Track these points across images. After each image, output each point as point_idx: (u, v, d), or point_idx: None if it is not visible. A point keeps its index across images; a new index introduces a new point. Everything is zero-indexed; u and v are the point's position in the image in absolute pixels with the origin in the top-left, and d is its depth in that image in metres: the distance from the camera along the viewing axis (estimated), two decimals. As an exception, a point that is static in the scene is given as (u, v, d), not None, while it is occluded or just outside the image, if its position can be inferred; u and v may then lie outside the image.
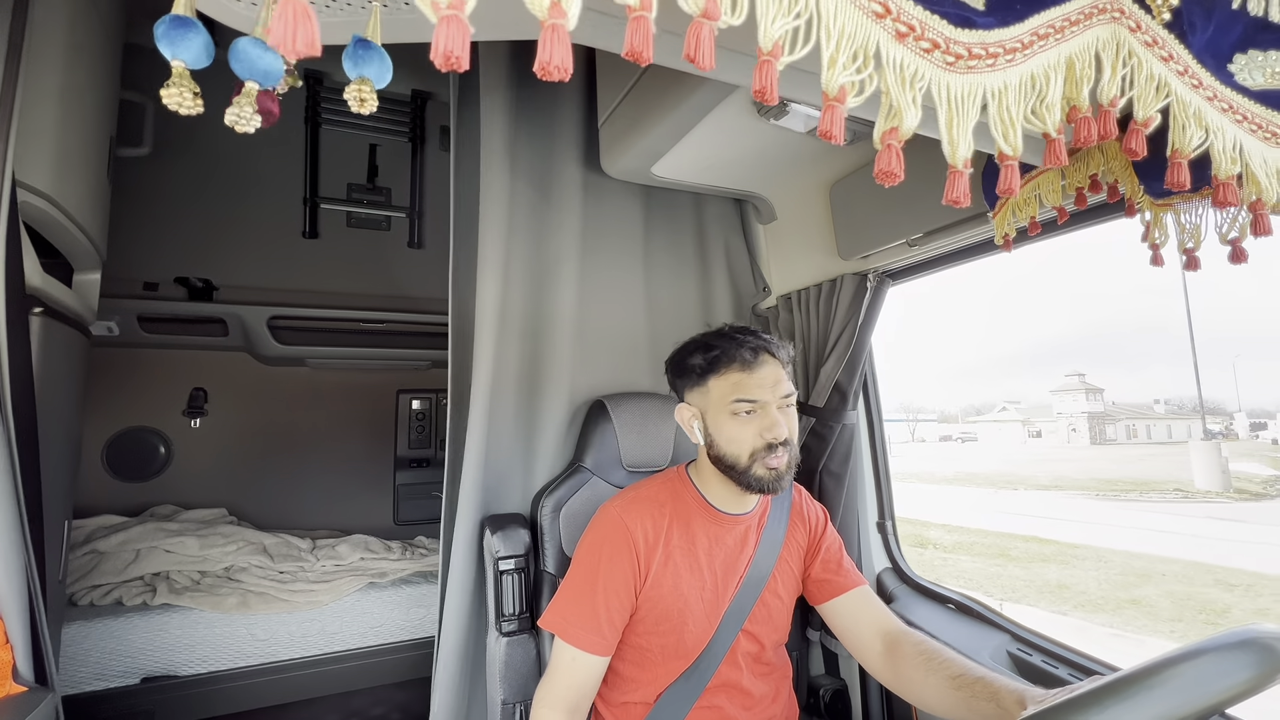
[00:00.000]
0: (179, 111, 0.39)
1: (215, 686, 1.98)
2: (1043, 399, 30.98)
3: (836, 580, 1.10)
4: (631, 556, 0.99)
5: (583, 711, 0.98)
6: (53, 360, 1.21)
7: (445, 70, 0.34)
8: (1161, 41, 0.54)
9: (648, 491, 1.07)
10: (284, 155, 2.66)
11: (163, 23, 0.36)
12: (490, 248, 1.34)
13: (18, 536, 0.84)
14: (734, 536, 1.07)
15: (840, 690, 1.41)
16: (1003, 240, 0.98)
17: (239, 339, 2.70)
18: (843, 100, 0.40)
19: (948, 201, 0.45)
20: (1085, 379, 27.34)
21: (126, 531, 2.23)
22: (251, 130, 0.43)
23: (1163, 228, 0.82)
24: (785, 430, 0.97)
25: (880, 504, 1.54)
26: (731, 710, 1.03)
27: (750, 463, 0.97)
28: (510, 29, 0.56)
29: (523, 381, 1.39)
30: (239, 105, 0.42)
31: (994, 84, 0.48)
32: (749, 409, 0.98)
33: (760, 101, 0.38)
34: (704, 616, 1.02)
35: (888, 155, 0.43)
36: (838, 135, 0.40)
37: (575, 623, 0.97)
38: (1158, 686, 0.47)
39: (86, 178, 1.31)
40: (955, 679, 0.85)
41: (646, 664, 1.03)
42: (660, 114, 1.11)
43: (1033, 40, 0.49)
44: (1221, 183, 0.57)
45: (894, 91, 0.43)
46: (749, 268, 1.70)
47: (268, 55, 0.40)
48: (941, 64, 0.45)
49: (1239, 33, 0.57)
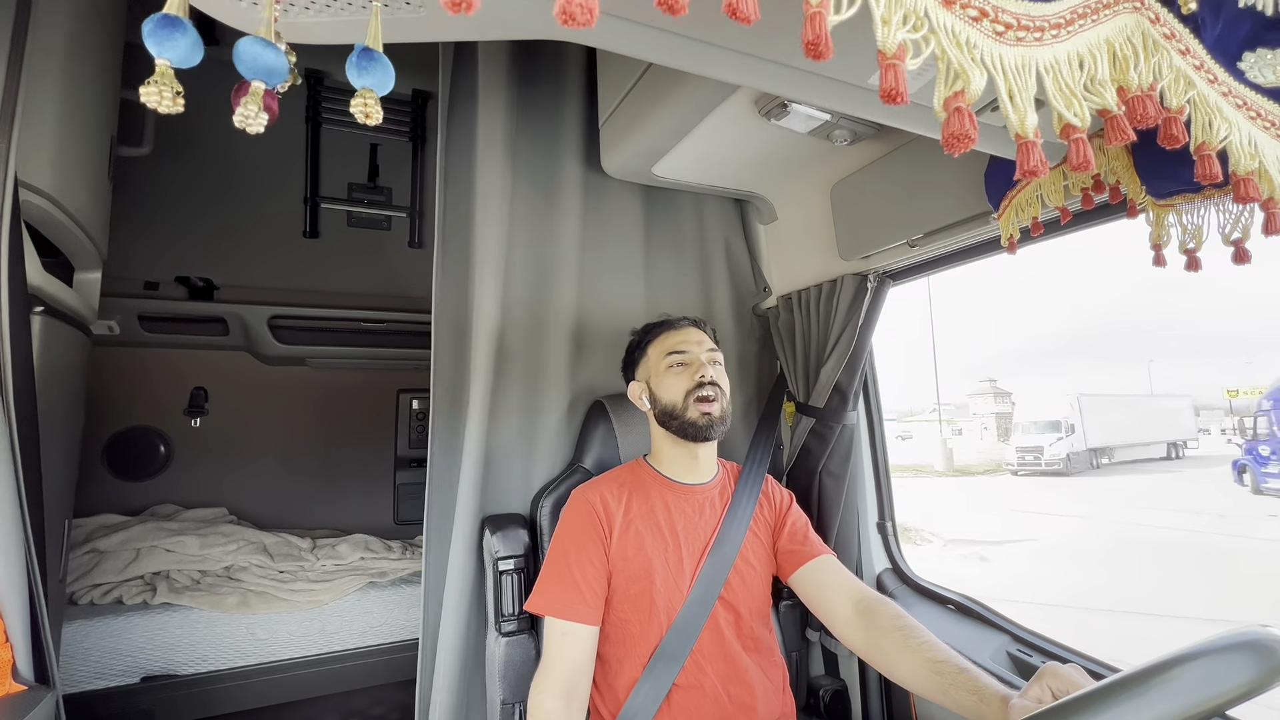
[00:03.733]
0: (157, 109, 0.39)
1: (215, 686, 1.98)
2: (961, 401, 34.29)
3: (802, 550, 1.15)
4: (596, 523, 1.08)
5: (580, 694, 0.99)
6: (54, 359, 1.21)
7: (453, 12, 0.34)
8: (1178, 35, 0.54)
9: (609, 475, 1.20)
10: (285, 155, 2.66)
11: (150, 20, 0.36)
12: (489, 247, 1.33)
13: (18, 535, 0.84)
14: (692, 505, 1.15)
15: (840, 691, 1.41)
16: (1008, 242, 0.98)
17: (239, 338, 2.70)
18: (902, 59, 0.40)
19: (1022, 174, 0.45)
20: (996, 384, 30.93)
21: (127, 531, 2.23)
22: (260, 129, 0.43)
23: (1164, 228, 0.81)
24: (711, 373, 1.12)
25: (880, 505, 1.54)
26: (717, 686, 1.04)
27: (685, 405, 1.10)
28: (511, 28, 0.56)
29: (522, 381, 1.38)
30: (246, 105, 0.42)
31: (1045, 58, 0.47)
32: (681, 360, 1.13)
33: (812, 56, 0.37)
34: (671, 578, 1.07)
35: (959, 118, 0.41)
36: (903, 94, 0.39)
37: (558, 596, 1.02)
38: (1157, 688, 0.47)
39: (87, 177, 1.31)
40: (935, 663, 0.86)
41: (628, 639, 1.06)
42: (661, 114, 1.11)
43: (1073, 18, 0.49)
44: (1241, 178, 0.57)
45: (952, 53, 0.43)
46: (749, 268, 1.70)
47: (269, 53, 0.40)
48: (991, 33, 0.45)
49: (1246, 30, 0.56)
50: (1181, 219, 0.79)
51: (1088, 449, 18.70)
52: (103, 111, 1.40)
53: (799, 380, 1.48)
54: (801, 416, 1.45)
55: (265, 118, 0.43)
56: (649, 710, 1.00)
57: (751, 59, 0.65)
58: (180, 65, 0.38)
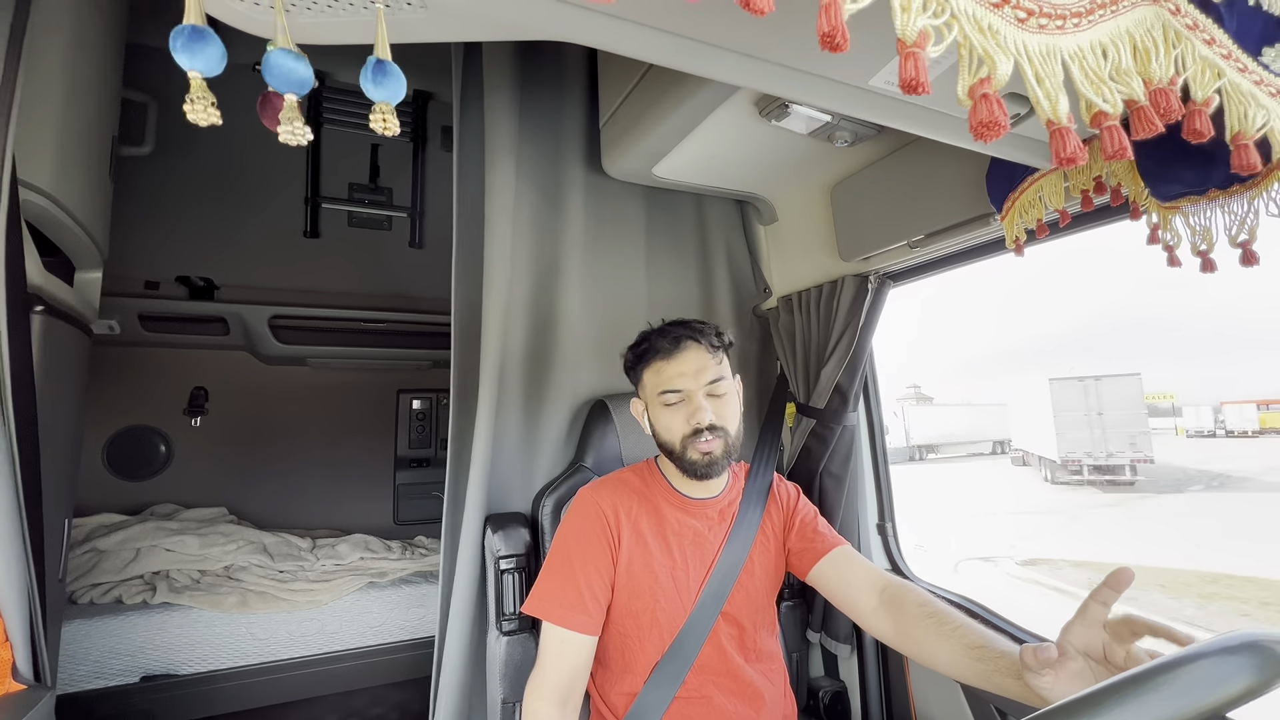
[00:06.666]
0: (199, 124, 0.39)
1: (214, 686, 1.98)
2: (894, 406, 37.50)
3: (815, 546, 1.09)
4: (604, 530, 1.02)
5: (574, 699, 0.96)
6: (54, 359, 1.21)
7: None
8: (1202, 25, 0.53)
9: (618, 476, 1.13)
10: (285, 155, 2.66)
11: (179, 34, 0.36)
12: (497, 247, 1.34)
13: (17, 535, 0.84)
14: (701, 521, 1.09)
15: (840, 692, 1.41)
16: (1014, 243, 0.97)
17: (240, 338, 2.70)
18: (922, 46, 0.38)
19: (1058, 163, 0.43)
20: (920, 389, 33.66)
21: (126, 530, 2.23)
22: (304, 143, 0.44)
23: (1172, 230, 0.81)
24: (710, 416, 1.00)
25: (880, 506, 1.54)
26: (721, 699, 1.03)
27: (683, 449, 1.02)
28: (513, 29, 0.56)
29: (526, 381, 1.39)
30: (288, 121, 0.43)
31: (1068, 46, 0.46)
32: (674, 400, 1.02)
33: (827, 48, 0.36)
34: (675, 594, 1.04)
35: (987, 105, 0.40)
36: (924, 84, 0.38)
37: (559, 603, 0.97)
38: (1155, 690, 0.47)
39: (88, 176, 1.31)
40: (974, 649, 0.82)
41: (628, 650, 1.04)
42: (661, 115, 1.11)
43: (1093, 8, 0.48)
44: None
45: (975, 39, 0.41)
46: (750, 269, 1.70)
47: (301, 66, 0.41)
48: (1013, 20, 0.44)
49: (1260, 28, 0.56)
50: (1189, 221, 0.79)
51: (909, 445, 25.91)
52: (104, 111, 1.40)
53: (799, 381, 1.48)
54: (802, 418, 1.45)
55: (309, 131, 0.44)
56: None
57: (752, 60, 0.65)
58: (209, 75, 0.38)
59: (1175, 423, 43.57)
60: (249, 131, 2.40)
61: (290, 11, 0.47)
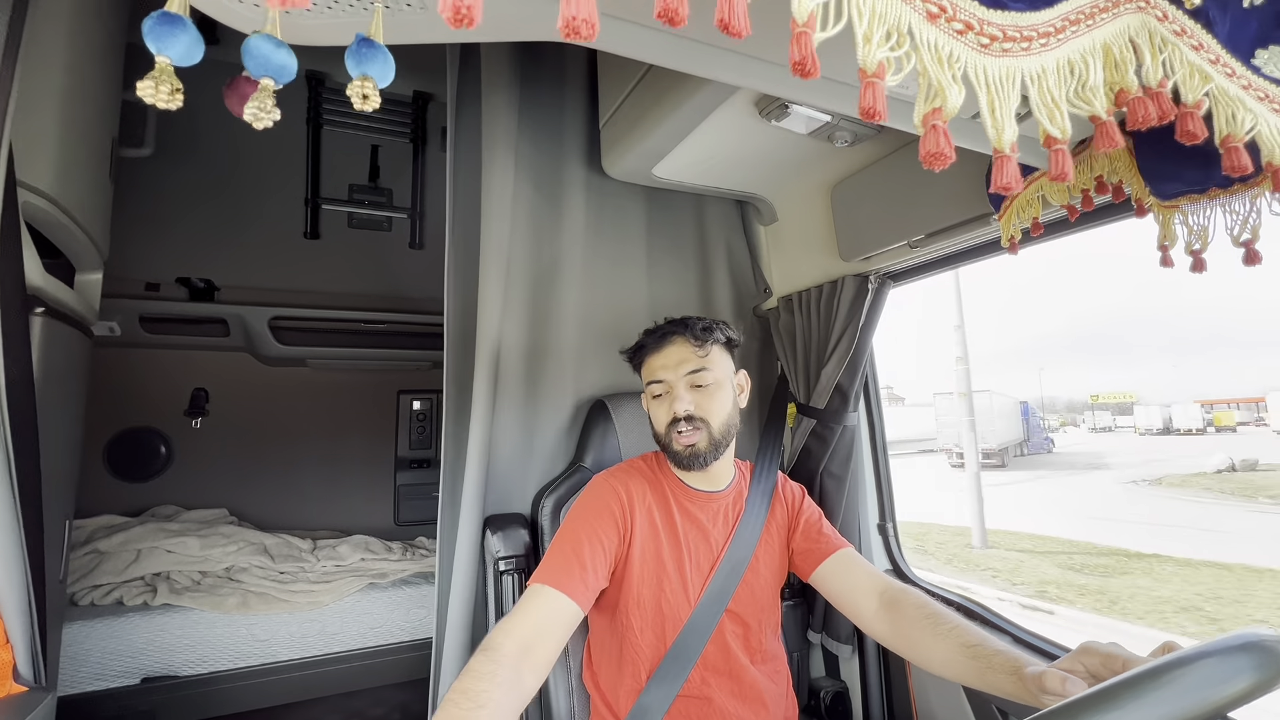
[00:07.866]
0: (155, 105, 0.39)
1: (215, 687, 1.98)
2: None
3: (818, 547, 1.11)
4: (619, 512, 1.03)
5: (536, 659, 0.84)
6: (54, 360, 1.21)
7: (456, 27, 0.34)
8: (1189, 31, 0.53)
9: (631, 464, 1.15)
10: (286, 156, 2.66)
11: (150, 18, 0.36)
12: (493, 248, 1.33)
13: (15, 537, 0.84)
14: (706, 514, 1.10)
15: (841, 692, 1.40)
16: (1009, 243, 0.97)
17: (240, 339, 2.70)
18: (881, 76, 0.40)
19: (996, 189, 0.44)
20: (892, 390, 38.05)
21: (127, 531, 2.23)
22: (270, 124, 0.43)
23: (1170, 229, 0.81)
24: (687, 406, 1.03)
25: (881, 506, 1.54)
26: (722, 700, 1.03)
27: (668, 439, 1.05)
28: (513, 29, 0.56)
29: (525, 381, 1.38)
30: (258, 100, 0.42)
31: (1031, 68, 0.47)
32: (659, 390, 1.07)
33: (799, 75, 0.37)
34: (680, 588, 1.04)
35: (934, 136, 0.41)
36: (881, 112, 0.39)
37: (552, 570, 0.94)
38: (1156, 690, 0.47)
39: (88, 178, 1.31)
40: (969, 647, 0.83)
41: (630, 645, 1.04)
42: (661, 115, 1.11)
43: (1064, 25, 0.48)
44: (1278, 168, 0.56)
45: (932, 70, 0.43)
46: (750, 269, 1.70)
47: (281, 52, 0.40)
48: (976, 46, 0.45)
49: (1255, 29, 0.56)
50: (1188, 220, 0.79)
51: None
52: (104, 112, 1.40)
53: (799, 381, 1.48)
54: (802, 418, 1.45)
55: (277, 112, 0.43)
56: (654, 718, 0.99)
57: (752, 60, 0.65)
58: (180, 63, 0.38)
59: (1134, 421, 48.42)
60: (249, 133, 2.40)
61: (289, 13, 0.47)
